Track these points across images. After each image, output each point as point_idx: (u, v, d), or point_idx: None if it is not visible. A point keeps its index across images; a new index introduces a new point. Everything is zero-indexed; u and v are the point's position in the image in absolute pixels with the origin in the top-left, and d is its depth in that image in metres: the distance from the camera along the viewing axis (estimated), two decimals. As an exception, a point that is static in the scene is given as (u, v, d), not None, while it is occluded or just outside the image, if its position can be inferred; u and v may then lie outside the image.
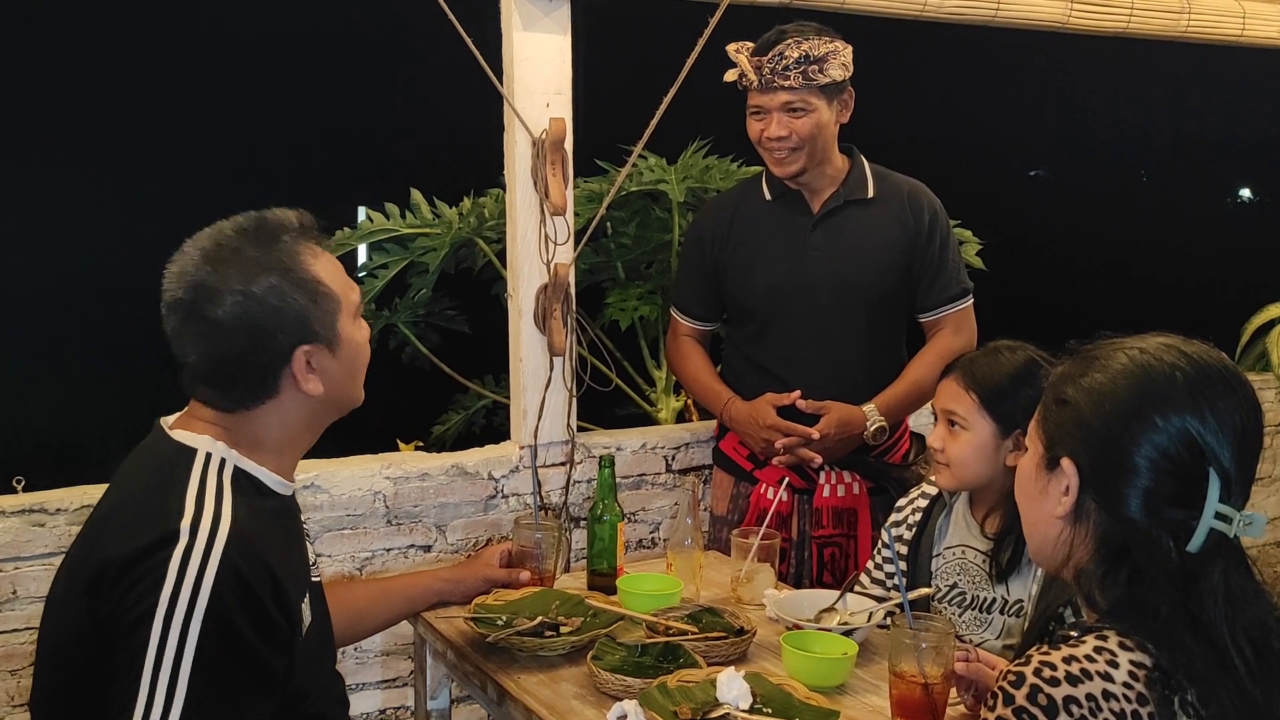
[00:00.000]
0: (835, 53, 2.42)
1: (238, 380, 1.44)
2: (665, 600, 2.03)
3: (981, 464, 2.03)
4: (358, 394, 1.56)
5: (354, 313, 1.52)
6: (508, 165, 2.62)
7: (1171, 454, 1.15)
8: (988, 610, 2.04)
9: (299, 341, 1.44)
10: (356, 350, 1.52)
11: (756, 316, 2.58)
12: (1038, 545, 1.28)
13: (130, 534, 1.32)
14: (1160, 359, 1.19)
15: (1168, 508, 1.15)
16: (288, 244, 1.45)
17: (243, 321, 1.40)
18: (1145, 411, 1.16)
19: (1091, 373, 1.22)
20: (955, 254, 2.63)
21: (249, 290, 1.40)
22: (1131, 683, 1.08)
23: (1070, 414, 1.21)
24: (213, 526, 1.33)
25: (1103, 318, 5.33)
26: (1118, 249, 6.06)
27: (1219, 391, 1.16)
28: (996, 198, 4.11)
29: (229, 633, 1.29)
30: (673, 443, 2.84)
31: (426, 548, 2.56)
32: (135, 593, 1.28)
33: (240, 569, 1.31)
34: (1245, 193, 7.05)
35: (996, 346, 2.07)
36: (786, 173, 2.48)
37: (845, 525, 2.60)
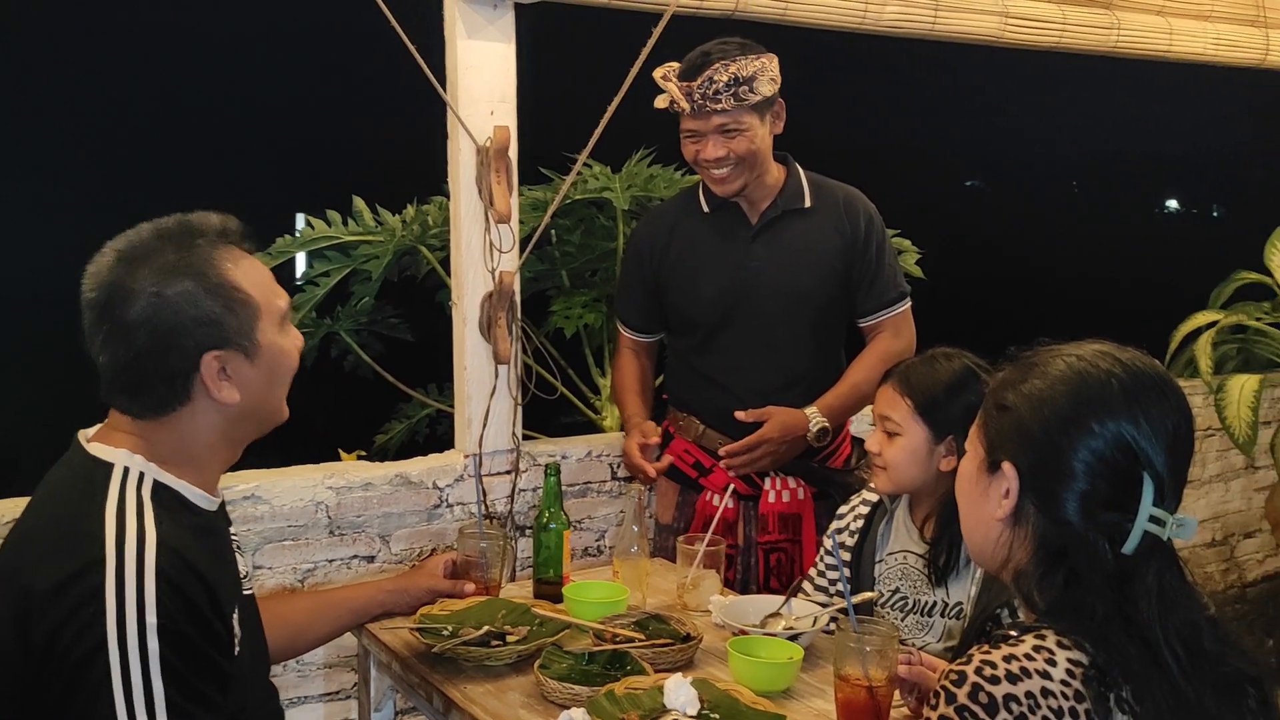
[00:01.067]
0: (763, 69, 2.44)
1: (146, 385, 1.41)
2: (612, 608, 2.03)
3: (915, 468, 2.06)
4: (279, 406, 1.52)
5: (278, 320, 1.48)
6: (452, 173, 2.61)
7: (1107, 458, 1.18)
8: (929, 614, 2.07)
9: (209, 347, 1.40)
10: (279, 358, 1.48)
11: (700, 327, 2.60)
12: (977, 546, 1.30)
13: (53, 559, 1.30)
14: (1096, 365, 1.22)
15: (1103, 511, 1.18)
16: (204, 248, 1.42)
17: (150, 324, 1.38)
18: (1082, 417, 1.19)
19: (1031, 379, 1.25)
20: (892, 259, 2.67)
21: (161, 293, 1.38)
22: (1069, 680, 1.11)
23: (1010, 419, 1.24)
24: (139, 544, 1.30)
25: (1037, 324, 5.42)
26: (1051, 257, 6.20)
27: (1152, 397, 1.20)
28: (934, 208, 4.19)
29: (184, 643, 1.28)
30: (618, 450, 2.84)
31: (370, 558, 2.54)
32: (73, 626, 1.25)
33: (175, 581, 1.30)
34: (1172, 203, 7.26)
35: (933, 354, 2.11)
36: (728, 191, 2.51)
37: (790, 530, 2.62)
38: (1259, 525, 4.11)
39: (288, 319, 1.51)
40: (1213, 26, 3.89)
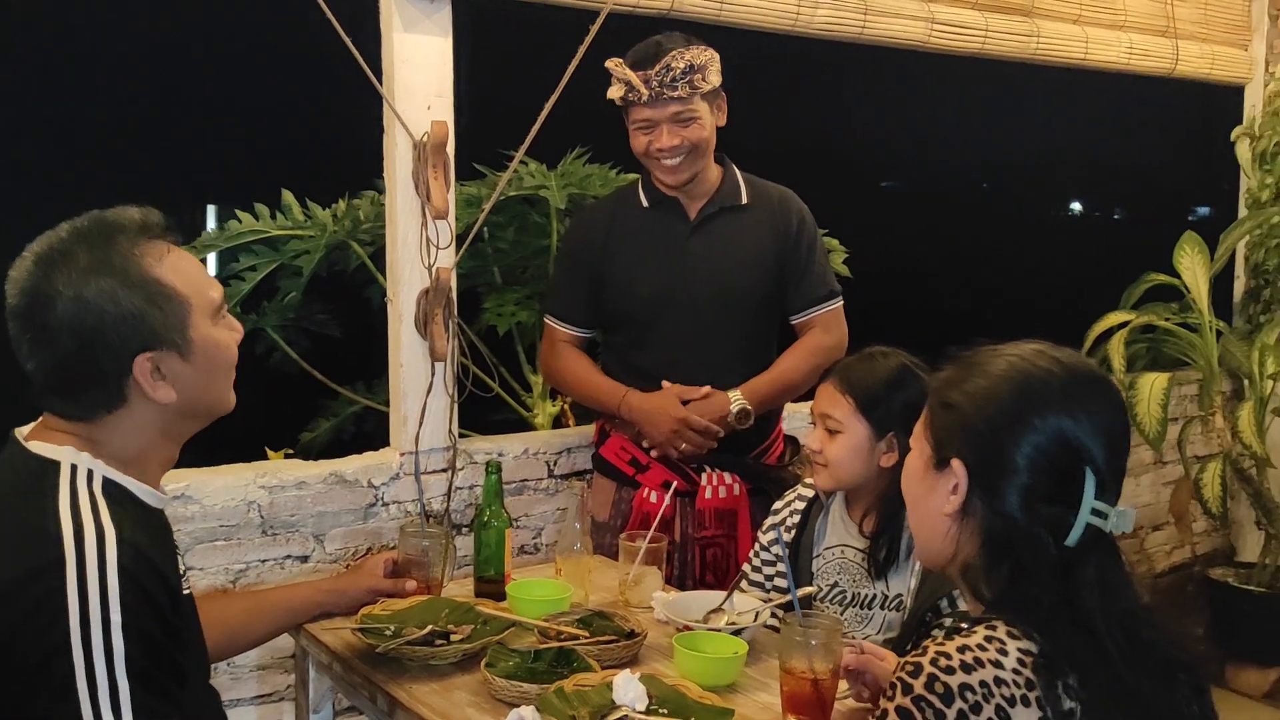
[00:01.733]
0: (711, 60, 2.50)
1: (78, 389, 1.38)
2: (555, 605, 2.03)
3: (858, 465, 2.10)
4: (223, 398, 1.49)
5: (212, 313, 1.45)
6: (388, 168, 2.58)
7: (1049, 453, 1.22)
8: (868, 606, 2.11)
9: (140, 349, 1.37)
10: (215, 352, 1.44)
11: (636, 322, 2.61)
12: (924, 541, 1.34)
13: (5, 558, 1.27)
14: (1036, 364, 1.27)
15: (1047, 505, 1.22)
16: (124, 245, 1.38)
17: (74, 328, 1.34)
18: (1024, 414, 1.23)
19: (974, 378, 1.29)
20: (823, 258, 2.72)
21: (80, 295, 1.34)
22: (1020, 669, 1.15)
23: (956, 417, 1.28)
24: (98, 540, 1.28)
25: (953, 322, 5.49)
26: (965, 258, 6.38)
27: (1091, 394, 1.24)
28: (855, 208, 4.27)
29: (148, 641, 1.26)
30: (554, 448, 2.84)
31: (304, 558, 2.50)
32: (34, 625, 1.22)
33: (137, 578, 1.28)
34: (1077, 206, 7.52)
35: (871, 352, 2.15)
36: (678, 180, 2.53)
37: (726, 526, 2.65)
38: (1166, 519, 4.27)
39: (223, 310, 1.48)
40: (1126, 36, 4.03)
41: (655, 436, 2.55)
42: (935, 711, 1.12)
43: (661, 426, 2.52)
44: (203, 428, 1.52)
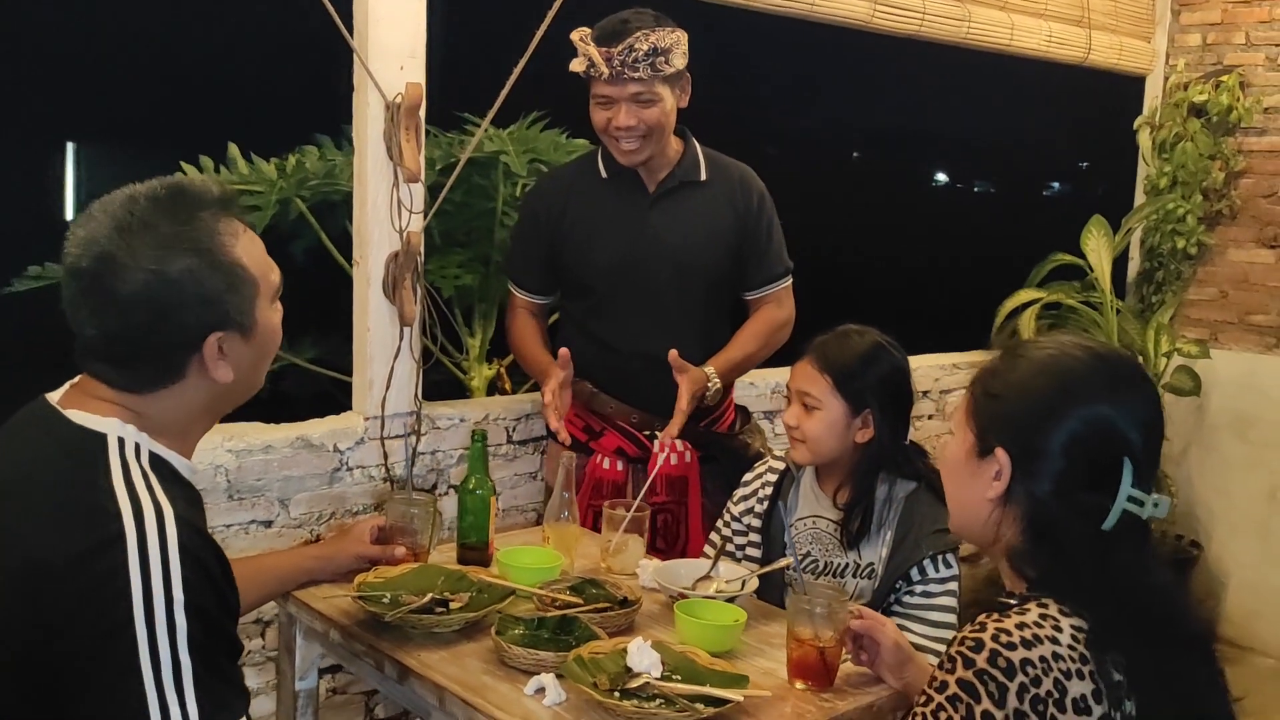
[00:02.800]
0: (678, 43, 2.50)
1: (138, 361, 1.36)
2: (548, 574, 2.06)
3: (834, 440, 2.18)
4: (260, 380, 1.50)
5: (272, 296, 1.45)
6: (358, 128, 2.53)
7: (1090, 442, 1.31)
8: (840, 574, 2.21)
9: (212, 328, 1.36)
10: (270, 336, 1.45)
11: (595, 292, 2.64)
12: (964, 524, 1.42)
13: (63, 533, 1.24)
14: (1077, 356, 1.35)
15: (1086, 492, 1.31)
16: (206, 221, 1.35)
17: (149, 302, 1.32)
18: (1066, 404, 1.32)
19: (1017, 369, 1.37)
20: (779, 236, 2.79)
21: (162, 270, 1.32)
22: (1074, 644, 1.24)
23: (1000, 407, 1.36)
24: (158, 518, 1.27)
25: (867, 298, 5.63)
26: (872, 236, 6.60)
27: (1129, 385, 1.34)
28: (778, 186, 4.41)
29: (207, 618, 1.25)
30: (514, 413, 2.86)
31: (268, 523, 2.46)
32: (96, 603, 1.21)
33: (196, 554, 1.27)
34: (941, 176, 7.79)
35: (846, 331, 2.23)
36: (633, 161, 2.55)
37: (677, 493, 2.71)
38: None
39: (278, 293, 1.47)
40: (1046, 24, 4.20)
41: None
42: (998, 685, 1.21)
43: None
44: (235, 408, 1.51)
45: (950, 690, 1.23)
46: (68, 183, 3.94)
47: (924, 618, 2.11)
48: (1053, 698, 1.21)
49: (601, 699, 1.60)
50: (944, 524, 2.12)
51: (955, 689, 1.22)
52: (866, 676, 1.81)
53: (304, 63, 2.60)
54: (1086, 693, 1.22)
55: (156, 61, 3.59)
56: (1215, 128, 4.47)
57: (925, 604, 2.11)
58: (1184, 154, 4.42)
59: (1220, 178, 4.44)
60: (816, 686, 1.76)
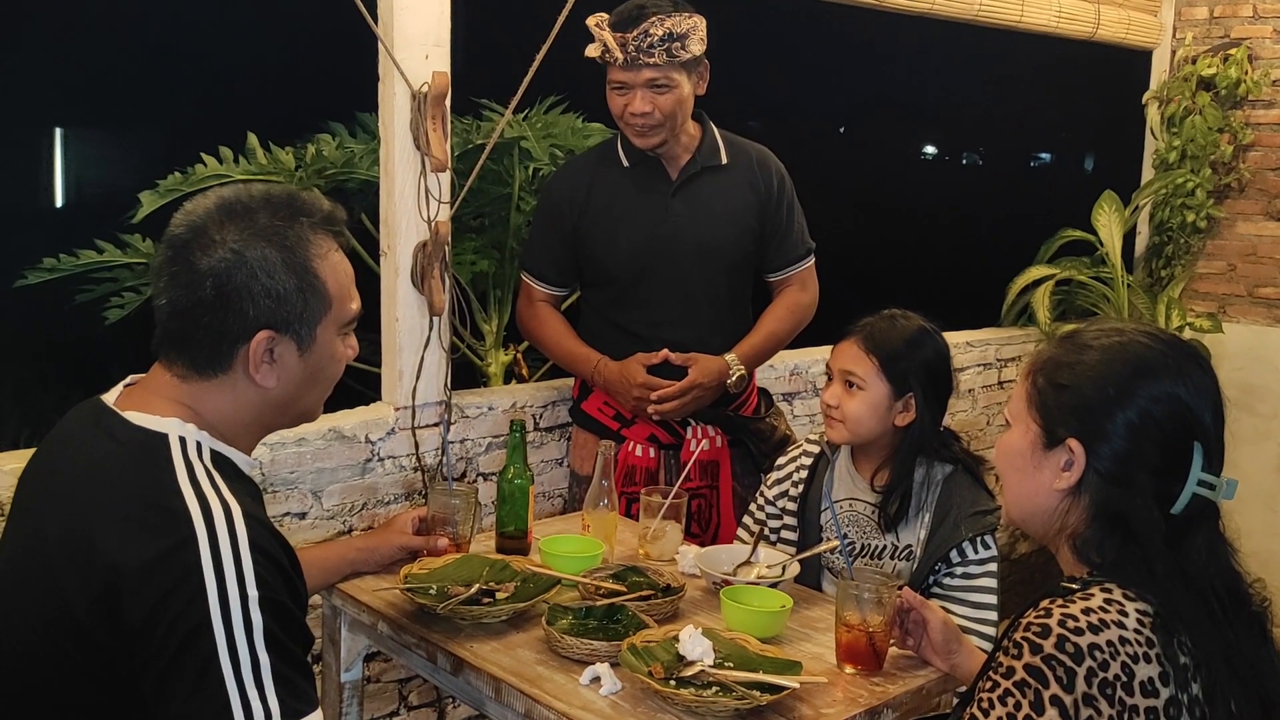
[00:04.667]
0: (695, 28, 2.49)
1: (196, 340, 1.37)
2: (589, 562, 2.08)
3: (874, 421, 2.20)
4: (315, 407, 1.50)
5: (344, 325, 1.46)
6: (384, 118, 2.52)
7: (1162, 427, 1.32)
8: (878, 557, 2.23)
9: (267, 324, 1.37)
10: (328, 362, 1.45)
11: (618, 281, 2.64)
12: (1026, 514, 1.42)
13: (138, 536, 1.25)
14: (1143, 342, 1.36)
15: (1158, 477, 1.32)
16: (303, 227, 1.38)
17: (220, 279, 1.34)
18: (1139, 390, 1.33)
19: (1084, 357, 1.37)
20: (800, 216, 2.80)
21: (242, 252, 1.35)
22: (1140, 628, 1.25)
23: (1071, 397, 1.36)
24: (226, 516, 1.28)
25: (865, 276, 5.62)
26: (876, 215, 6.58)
27: (1196, 368, 1.35)
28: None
29: (282, 612, 1.27)
30: (540, 401, 2.86)
31: (302, 515, 2.47)
32: (174, 604, 1.22)
33: (267, 550, 1.29)
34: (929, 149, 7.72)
35: (892, 314, 2.24)
36: (648, 144, 2.55)
37: (710, 477, 2.73)
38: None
39: (352, 326, 1.48)
40: (1056, 0, 4.19)
41: (623, 404, 2.61)
42: (1066, 670, 1.22)
43: (625, 394, 2.57)
44: (287, 427, 1.54)
45: (1018, 676, 1.24)
46: (77, 172, 3.91)
47: (965, 599, 2.13)
48: (1120, 681, 1.22)
49: (660, 688, 1.61)
50: (983, 506, 2.15)
51: (1023, 674, 1.24)
52: (914, 659, 1.83)
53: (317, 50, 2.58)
54: (1154, 675, 1.24)
55: (173, 51, 3.57)
56: (1223, 101, 4.47)
57: (966, 585, 2.14)
58: (1192, 128, 4.43)
59: (1229, 151, 4.45)
60: (866, 670, 1.78)
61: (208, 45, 3.42)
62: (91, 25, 3.41)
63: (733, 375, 2.61)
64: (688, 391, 2.55)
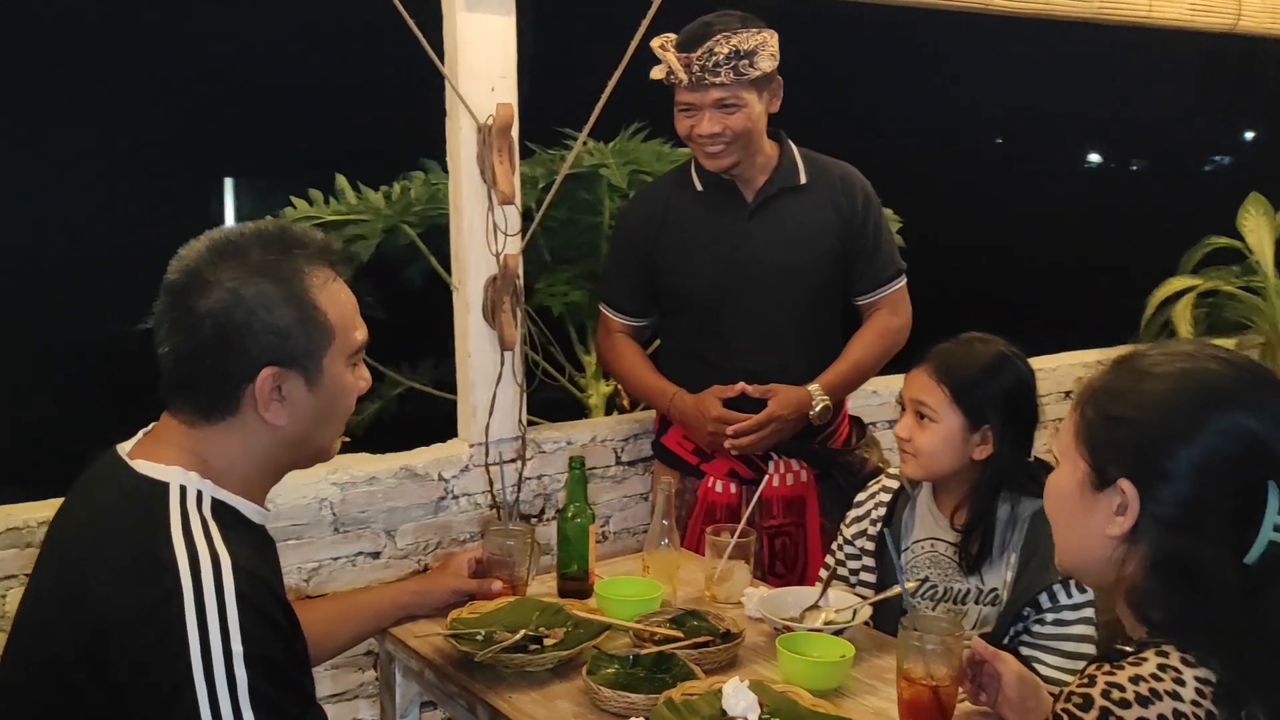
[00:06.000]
0: (764, 44, 2.39)
1: (201, 385, 1.34)
2: (646, 606, 1.98)
3: (949, 455, 2.03)
4: (330, 443, 1.46)
5: (350, 354, 1.41)
6: (451, 153, 2.51)
7: (1234, 464, 1.14)
8: (962, 601, 2.05)
9: (271, 360, 1.34)
10: (338, 394, 1.41)
11: (695, 309, 2.54)
12: (1080, 563, 1.26)
13: (126, 588, 1.23)
14: (1208, 367, 1.18)
15: (1226, 522, 1.14)
16: (298, 259, 1.35)
17: (219, 320, 1.31)
18: (1204, 424, 1.15)
19: (1143, 387, 1.20)
20: (888, 235, 2.65)
21: (238, 290, 1.32)
22: (1199, 700, 1.08)
23: (1125, 432, 1.19)
24: (214, 568, 1.24)
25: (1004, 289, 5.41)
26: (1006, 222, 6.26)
27: (1271, 396, 1.16)
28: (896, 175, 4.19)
29: (271, 668, 1.22)
30: (621, 434, 2.79)
31: (375, 554, 2.46)
32: (158, 659, 1.19)
33: (255, 603, 1.24)
34: (1094, 157, 7.19)
35: (969, 339, 2.08)
36: (719, 166, 2.45)
37: (795, 514, 2.59)
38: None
39: (360, 356, 1.44)
40: (1189, -9, 3.89)
41: (699, 440, 2.50)
42: None
43: (700, 428, 2.47)
44: (303, 467, 1.49)
45: None
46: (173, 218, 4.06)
47: (1057, 648, 1.94)
48: None
49: (692, 747, 1.50)
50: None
51: None
52: (986, 716, 1.66)
53: (408, 90, 2.58)
54: None
55: (266, 100, 3.68)
56: (1387, 90, 4.07)
57: (1058, 633, 1.94)
58: (1352, 121, 4.04)
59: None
60: (931, 729, 1.63)
61: (305, 91, 3.52)
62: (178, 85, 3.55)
63: (815, 407, 2.48)
64: (765, 425, 2.44)
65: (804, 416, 2.48)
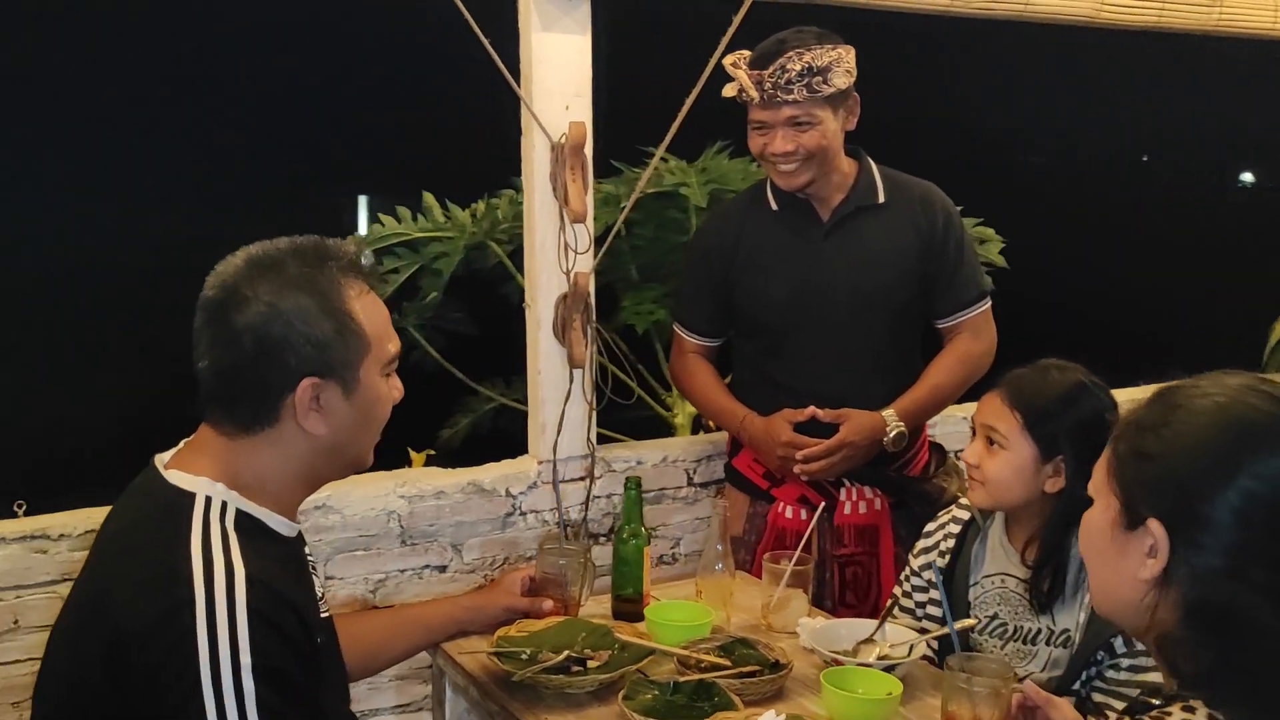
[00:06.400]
0: (838, 60, 2.32)
1: (241, 398, 1.37)
2: (696, 631, 1.94)
3: (1019, 486, 1.94)
4: (365, 452, 1.48)
5: (385, 364, 1.43)
6: (525, 170, 2.52)
7: (1270, 508, 1.06)
8: (1032, 641, 1.96)
9: (310, 371, 1.36)
10: (374, 403, 1.43)
11: (770, 330, 2.49)
12: (1112, 607, 1.18)
13: (142, 598, 1.25)
14: (1249, 402, 1.10)
15: (1266, 569, 1.05)
16: (333, 271, 1.38)
17: (258, 333, 1.34)
18: (1241, 462, 1.07)
19: (1175, 421, 1.12)
20: (971, 256, 2.55)
21: (276, 304, 1.34)
22: None
23: (1155, 469, 1.11)
24: (228, 580, 1.25)
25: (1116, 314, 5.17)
26: (1131, 243, 5.98)
27: None
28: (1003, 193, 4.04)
29: (282, 681, 1.23)
30: (694, 455, 2.75)
31: (441, 568, 2.48)
32: (170, 668, 1.21)
33: (268, 617, 1.25)
34: (1247, 177, 6.81)
35: (1046, 365, 1.98)
36: (793, 185, 2.40)
37: (867, 543, 2.51)
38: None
39: (394, 366, 1.46)
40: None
41: (768, 464, 2.45)
42: None
43: (769, 453, 2.41)
44: (341, 477, 1.51)
45: None
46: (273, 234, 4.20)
47: (1131, 696, 1.82)
48: None
49: (716, 782, 1.46)
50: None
51: None
52: (1038, 767, 1.57)
53: (503, 109, 2.62)
54: None
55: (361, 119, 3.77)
56: None
57: (1132, 680, 1.83)
58: None
59: None
60: (977, 777, 1.55)
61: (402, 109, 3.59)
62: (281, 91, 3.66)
63: (890, 433, 2.40)
64: (836, 451, 2.37)
65: (877, 443, 2.40)
